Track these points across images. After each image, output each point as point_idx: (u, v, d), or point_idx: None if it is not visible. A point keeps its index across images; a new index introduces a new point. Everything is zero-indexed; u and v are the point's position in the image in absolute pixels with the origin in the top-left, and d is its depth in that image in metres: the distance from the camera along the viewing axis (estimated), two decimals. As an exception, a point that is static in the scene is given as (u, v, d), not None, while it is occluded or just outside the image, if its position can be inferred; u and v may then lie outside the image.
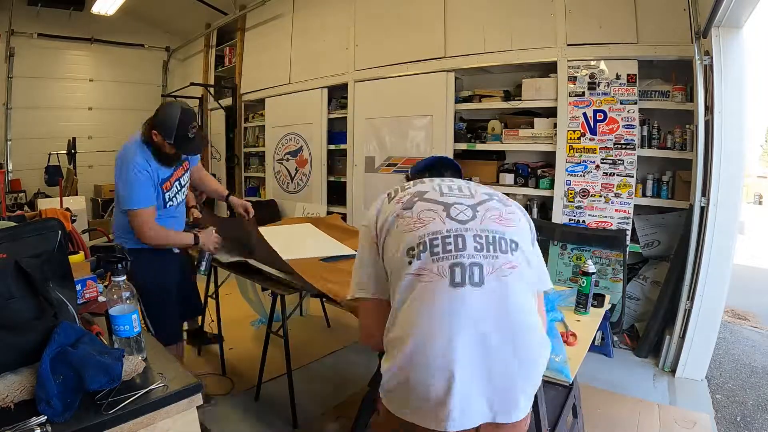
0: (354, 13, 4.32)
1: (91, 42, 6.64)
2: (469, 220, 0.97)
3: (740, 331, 3.49)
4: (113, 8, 5.81)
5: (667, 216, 3.01)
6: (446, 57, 3.67)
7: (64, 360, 0.89)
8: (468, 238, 0.94)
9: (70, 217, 3.26)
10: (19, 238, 1.02)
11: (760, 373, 2.79)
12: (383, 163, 4.13)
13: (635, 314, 3.11)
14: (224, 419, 2.22)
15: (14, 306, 0.94)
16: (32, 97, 6.27)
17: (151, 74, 7.36)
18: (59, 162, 5.87)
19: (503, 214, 1.00)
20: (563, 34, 3.11)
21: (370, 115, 4.22)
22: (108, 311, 1.06)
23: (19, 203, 5.50)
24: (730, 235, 2.50)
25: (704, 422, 2.21)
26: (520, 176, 3.51)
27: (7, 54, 6.00)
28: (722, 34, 2.37)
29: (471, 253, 0.93)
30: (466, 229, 0.95)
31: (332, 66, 4.51)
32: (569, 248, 3.19)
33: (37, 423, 0.81)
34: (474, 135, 3.74)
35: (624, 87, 2.94)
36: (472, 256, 0.92)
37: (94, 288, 1.49)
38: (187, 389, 0.97)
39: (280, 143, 5.18)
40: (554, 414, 1.72)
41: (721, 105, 2.41)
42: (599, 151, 3.03)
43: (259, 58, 5.50)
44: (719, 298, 2.55)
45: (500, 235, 0.96)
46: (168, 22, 6.96)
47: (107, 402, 0.88)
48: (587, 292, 1.78)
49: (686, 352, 2.62)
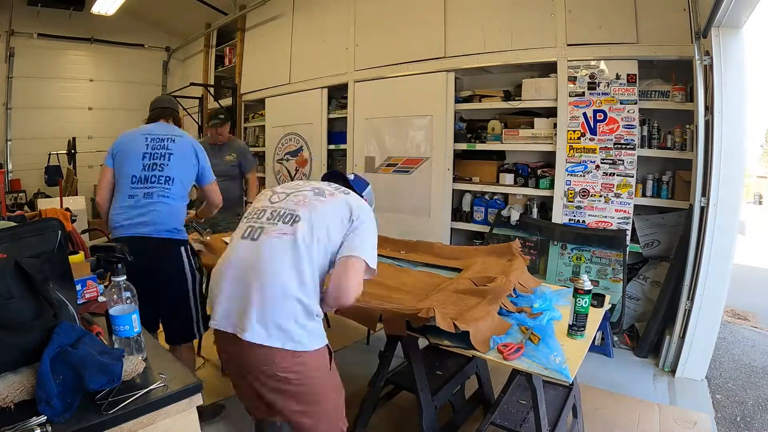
0: (354, 13, 4.32)
1: (91, 42, 6.64)
2: (278, 202, 1.38)
3: (740, 331, 3.49)
4: (113, 8, 5.81)
5: (667, 216, 3.01)
6: (446, 57, 3.68)
7: (64, 360, 0.89)
8: (267, 211, 1.36)
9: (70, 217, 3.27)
10: (19, 238, 1.02)
11: (760, 373, 2.79)
12: (383, 163, 4.13)
13: (635, 314, 3.11)
14: (224, 419, 2.22)
15: (14, 306, 0.94)
16: (32, 97, 6.27)
17: (151, 74, 7.36)
18: (59, 162, 5.88)
19: (306, 200, 1.35)
20: (563, 34, 3.11)
21: (370, 115, 4.22)
22: (108, 311, 1.06)
23: (19, 203, 5.50)
24: (730, 235, 2.50)
25: (704, 422, 2.21)
26: (520, 176, 3.51)
27: (7, 54, 6.00)
28: (722, 34, 2.37)
29: (263, 221, 1.34)
30: (270, 207, 1.38)
31: (332, 66, 4.51)
32: (569, 248, 3.19)
33: (37, 423, 0.81)
34: (474, 135, 3.75)
35: (624, 87, 2.95)
36: (262, 223, 1.33)
37: (94, 288, 1.49)
38: (187, 389, 0.97)
39: (280, 143, 5.18)
40: (554, 414, 1.73)
41: (721, 105, 2.41)
42: (599, 151, 3.03)
43: (259, 58, 5.50)
44: (719, 298, 2.55)
45: (290, 212, 1.33)
46: (168, 22, 6.96)
47: (107, 402, 0.88)
48: (587, 312, 1.53)
49: (686, 352, 2.62)
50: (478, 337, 1.44)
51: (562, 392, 1.87)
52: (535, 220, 3.39)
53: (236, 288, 1.27)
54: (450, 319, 1.47)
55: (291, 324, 1.23)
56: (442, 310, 1.56)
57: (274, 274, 1.24)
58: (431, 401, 1.78)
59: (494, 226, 3.52)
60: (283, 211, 1.33)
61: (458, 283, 1.90)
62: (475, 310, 1.59)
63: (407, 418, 2.16)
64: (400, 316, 1.55)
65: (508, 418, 1.72)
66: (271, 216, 1.33)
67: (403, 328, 1.55)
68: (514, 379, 1.70)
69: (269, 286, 1.23)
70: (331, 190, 1.41)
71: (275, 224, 1.31)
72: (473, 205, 3.74)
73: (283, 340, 1.22)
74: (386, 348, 1.89)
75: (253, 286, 1.24)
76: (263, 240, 1.29)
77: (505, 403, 1.77)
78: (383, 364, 1.89)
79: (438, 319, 1.44)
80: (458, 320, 1.48)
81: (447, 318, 1.47)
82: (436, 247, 2.48)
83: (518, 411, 1.77)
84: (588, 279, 1.57)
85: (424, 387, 1.76)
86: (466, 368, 2.09)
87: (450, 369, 2.06)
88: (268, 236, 1.29)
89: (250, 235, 1.32)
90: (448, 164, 3.70)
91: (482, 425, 1.67)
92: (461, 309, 1.64)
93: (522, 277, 1.96)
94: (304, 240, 1.27)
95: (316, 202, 1.34)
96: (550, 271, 3.25)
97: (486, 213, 3.66)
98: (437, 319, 1.44)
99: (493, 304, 1.65)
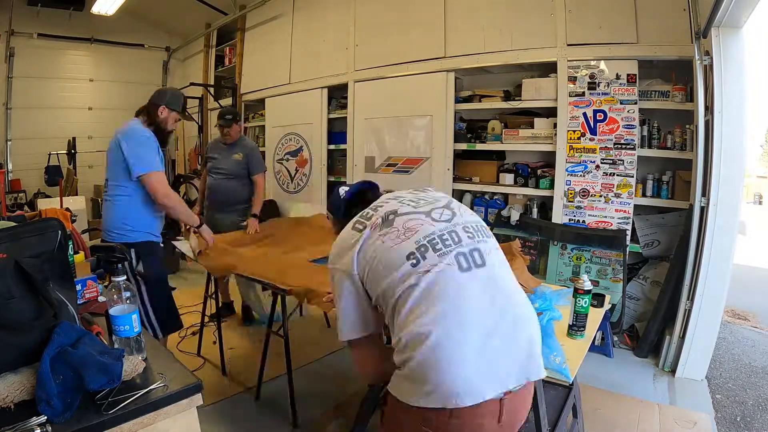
0: (354, 13, 4.32)
1: (91, 42, 6.64)
2: (452, 218, 1.09)
3: (740, 331, 3.49)
4: (113, 8, 5.81)
5: (667, 216, 3.01)
6: (446, 57, 3.67)
7: (64, 360, 0.89)
8: (459, 231, 1.06)
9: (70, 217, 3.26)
10: (19, 238, 1.02)
11: (760, 373, 2.79)
12: (383, 163, 4.13)
13: (635, 314, 3.11)
14: (225, 419, 2.22)
15: (14, 306, 0.94)
16: (32, 97, 6.28)
17: (151, 74, 7.36)
18: (59, 162, 5.88)
19: (466, 207, 1.16)
20: (563, 34, 3.11)
21: (370, 115, 4.22)
22: (108, 311, 1.06)
23: (19, 203, 5.50)
24: (730, 235, 2.50)
25: (704, 422, 2.21)
26: (520, 176, 3.51)
27: (7, 54, 6.00)
28: (722, 34, 2.37)
29: (467, 242, 1.05)
30: (455, 224, 1.08)
31: (332, 66, 4.51)
32: (569, 248, 3.19)
33: (37, 423, 0.81)
34: (474, 135, 3.74)
35: (624, 87, 2.94)
36: (469, 244, 1.05)
37: (94, 288, 1.49)
38: (187, 389, 0.97)
39: (280, 143, 5.18)
40: (554, 414, 1.73)
41: (721, 105, 2.41)
42: (599, 151, 3.03)
43: (259, 58, 5.50)
44: (719, 298, 2.55)
45: (479, 224, 1.13)
46: (168, 22, 6.96)
47: (107, 402, 0.88)
48: (587, 312, 1.53)
49: (686, 352, 2.62)
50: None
51: (562, 392, 1.87)
52: (535, 220, 3.39)
53: (497, 333, 0.97)
54: None
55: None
56: None
57: (521, 292, 1.09)
58: (431, 401, 1.77)
59: (494, 226, 3.52)
60: (475, 225, 1.11)
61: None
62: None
63: (407, 418, 2.16)
64: None
65: (508, 418, 1.72)
66: (471, 234, 1.07)
67: None
68: (514, 379, 1.69)
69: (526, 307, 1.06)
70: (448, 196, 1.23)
71: (485, 240, 1.09)
72: (473, 205, 3.74)
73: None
74: (386, 348, 1.88)
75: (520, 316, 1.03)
76: (491, 263, 1.05)
77: (505, 403, 1.77)
78: (383, 364, 1.88)
79: None
80: None
81: None
82: None
83: (518, 411, 1.76)
84: (588, 279, 1.57)
85: (425, 387, 1.76)
86: (466, 368, 2.08)
87: (450, 369, 2.05)
88: (491, 257, 1.06)
89: (472, 263, 1.02)
90: (448, 164, 3.70)
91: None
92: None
93: (522, 277, 1.96)
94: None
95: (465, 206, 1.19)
96: (550, 271, 3.25)
97: (486, 213, 3.66)
98: None
99: None
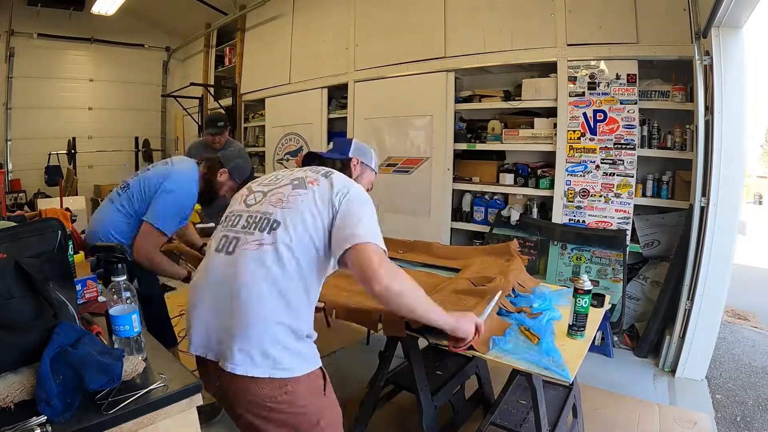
0: (354, 13, 4.32)
1: (91, 42, 6.65)
2: (254, 204, 1.22)
3: (740, 331, 3.49)
4: (113, 8, 5.82)
5: (667, 216, 3.01)
6: (446, 57, 3.68)
7: (64, 360, 0.89)
8: (243, 217, 1.20)
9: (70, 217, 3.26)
10: (19, 238, 1.02)
11: (760, 373, 2.79)
12: (383, 163, 4.12)
13: (635, 314, 3.11)
14: (224, 419, 2.22)
15: (14, 306, 0.94)
16: (32, 97, 6.28)
17: (151, 74, 7.36)
18: (59, 162, 5.88)
19: (284, 199, 1.18)
20: (563, 34, 3.11)
21: (370, 115, 4.22)
22: (108, 311, 1.06)
23: (19, 203, 5.50)
24: (730, 235, 2.50)
25: (704, 422, 2.21)
26: (520, 176, 3.51)
27: (7, 54, 6.00)
28: (722, 34, 2.37)
29: (237, 230, 1.18)
30: (246, 211, 1.21)
31: (332, 66, 4.51)
32: (569, 248, 3.19)
33: (37, 423, 0.80)
34: (474, 135, 3.75)
35: (624, 87, 2.95)
36: (236, 232, 1.18)
37: (94, 288, 1.49)
38: (187, 389, 0.97)
39: (280, 143, 5.18)
40: (554, 414, 1.73)
41: (721, 105, 2.41)
42: (599, 151, 3.03)
43: (259, 58, 5.50)
44: (719, 298, 2.55)
45: (266, 216, 1.16)
46: (168, 22, 6.96)
47: (107, 402, 0.88)
48: (587, 312, 1.53)
49: (686, 352, 2.62)
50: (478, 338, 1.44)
51: (562, 392, 1.87)
52: (535, 220, 3.39)
53: (214, 312, 1.13)
54: None
55: (278, 350, 1.07)
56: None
57: (255, 298, 1.08)
58: (431, 401, 1.78)
59: (494, 226, 3.52)
60: (259, 216, 1.16)
61: (456, 284, 1.90)
62: (474, 311, 1.58)
63: (407, 418, 2.16)
64: (399, 317, 1.56)
65: (508, 418, 1.72)
66: (247, 223, 1.17)
67: (402, 328, 1.55)
68: (514, 379, 1.70)
69: (251, 313, 1.07)
70: (314, 177, 1.22)
71: (251, 233, 1.14)
72: (473, 205, 3.74)
73: (270, 368, 1.07)
74: (386, 348, 1.89)
75: (233, 311, 1.09)
76: (239, 254, 1.12)
77: (505, 403, 1.77)
78: (383, 364, 1.89)
79: None
80: None
81: None
82: (434, 246, 2.47)
83: (518, 411, 1.77)
84: (588, 279, 1.56)
85: (424, 387, 1.76)
86: (466, 368, 2.09)
87: (450, 369, 2.06)
88: (244, 249, 1.12)
89: (225, 248, 1.16)
90: (448, 164, 3.70)
91: (482, 425, 1.67)
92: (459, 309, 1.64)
93: (520, 277, 1.96)
94: (288, 248, 1.10)
95: (295, 197, 1.17)
96: (550, 271, 3.25)
97: (486, 213, 3.66)
98: None
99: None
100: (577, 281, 1.55)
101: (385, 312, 1.58)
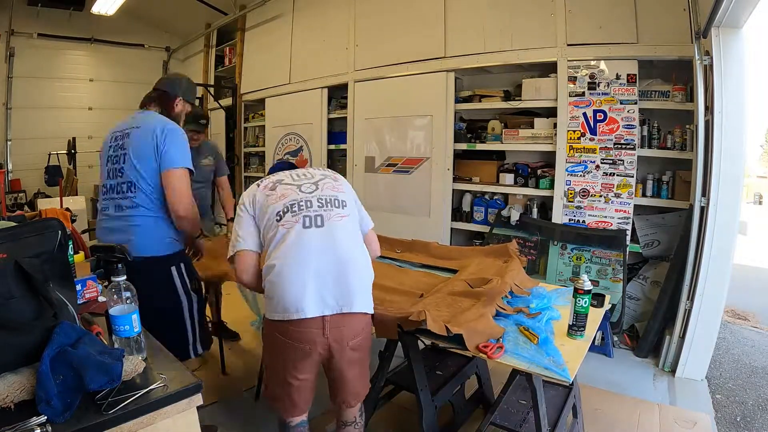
0: (354, 13, 4.32)
1: (91, 42, 6.64)
2: (315, 191, 1.50)
3: (740, 331, 3.49)
4: (113, 8, 5.81)
5: (667, 216, 3.01)
6: (446, 57, 3.67)
7: (64, 360, 0.89)
8: (313, 200, 1.47)
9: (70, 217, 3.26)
10: (19, 238, 1.02)
11: (760, 373, 2.79)
12: (383, 163, 4.13)
13: (635, 314, 3.11)
14: (224, 419, 2.22)
15: (14, 306, 0.94)
16: (32, 97, 6.27)
17: (151, 74, 7.26)
18: (59, 162, 5.87)
19: (335, 185, 1.55)
20: (563, 34, 3.11)
21: (370, 115, 4.22)
22: (108, 311, 1.06)
23: (19, 203, 5.49)
24: (730, 235, 2.50)
25: (704, 422, 2.21)
26: (520, 176, 3.51)
27: (7, 54, 6.00)
28: (722, 34, 2.37)
29: (315, 209, 1.45)
30: (313, 195, 1.49)
31: (332, 66, 4.51)
32: (569, 248, 3.19)
33: (37, 423, 0.81)
34: (474, 135, 3.74)
35: (624, 87, 2.95)
36: (316, 211, 1.45)
37: (94, 288, 1.49)
38: (187, 389, 0.97)
39: (280, 143, 5.18)
40: (554, 414, 1.73)
41: (721, 105, 2.41)
42: (599, 151, 3.03)
43: (259, 58, 5.50)
44: (719, 298, 2.55)
45: (333, 197, 1.51)
46: (168, 22, 6.96)
47: (107, 402, 0.88)
48: (586, 312, 1.53)
49: (686, 352, 2.62)
50: (473, 340, 1.44)
51: (562, 392, 1.87)
52: (535, 220, 3.39)
53: (327, 273, 1.39)
54: (442, 322, 1.47)
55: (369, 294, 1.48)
56: (435, 312, 1.57)
57: (354, 249, 1.46)
58: (431, 401, 1.78)
59: (494, 226, 3.52)
60: (328, 198, 1.49)
61: (453, 285, 1.90)
62: (469, 313, 1.59)
63: (407, 418, 2.16)
64: (391, 320, 1.56)
65: (508, 418, 1.72)
66: (321, 204, 1.47)
67: (395, 332, 1.56)
68: (514, 379, 1.70)
69: (354, 262, 1.43)
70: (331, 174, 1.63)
71: (331, 209, 1.47)
72: (473, 205, 3.74)
73: (370, 307, 1.48)
74: (386, 348, 1.89)
75: (346, 265, 1.41)
76: (331, 225, 1.44)
77: (505, 403, 1.78)
78: (383, 364, 1.89)
79: (429, 322, 1.44)
80: (451, 323, 1.48)
81: (439, 321, 1.48)
82: (432, 246, 2.47)
83: (518, 411, 1.77)
84: (588, 279, 1.56)
85: (424, 387, 1.76)
86: (466, 368, 2.09)
87: (450, 369, 2.06)
88: (332, 222, 1.44)
89: (313, 223, 1.42)
90: (448, 164, 3.70)
91: (482, 425, 1.67)
92: (455, 311, 1.64)
93: (518, 278, 1.96)
94: (354, 219, 1.53)
95: (338, 185, 1.56)
96: (550, 271, 3.25)
97: (486, 213, 3.66)
98: (428, 322, 1.44)
99: (488, 306, 1.64)
100: (577, 281, 1.56)
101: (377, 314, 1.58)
